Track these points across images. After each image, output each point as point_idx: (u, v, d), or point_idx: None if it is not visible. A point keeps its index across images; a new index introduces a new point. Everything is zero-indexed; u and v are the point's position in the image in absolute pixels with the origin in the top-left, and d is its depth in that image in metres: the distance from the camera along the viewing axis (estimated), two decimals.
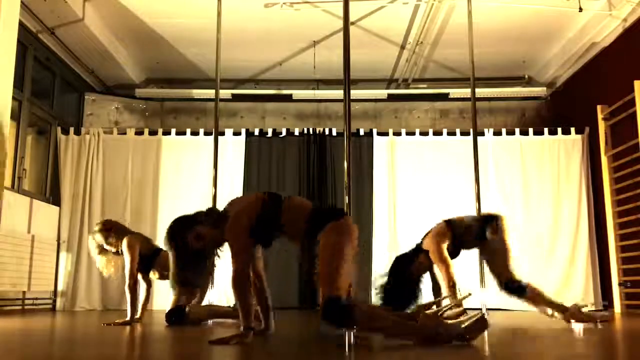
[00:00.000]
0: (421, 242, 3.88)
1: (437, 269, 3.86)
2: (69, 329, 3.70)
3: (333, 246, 2.46)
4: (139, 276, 3.91)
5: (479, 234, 3.79)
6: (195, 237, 2.61)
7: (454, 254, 3.86)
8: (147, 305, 3.98)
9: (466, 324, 2.45)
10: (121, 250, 3.87)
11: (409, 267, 3.80)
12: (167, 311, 3.91)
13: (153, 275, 4.02)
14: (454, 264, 3.83)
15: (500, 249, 3.73)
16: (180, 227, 2.65)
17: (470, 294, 2.89)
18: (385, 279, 3.84)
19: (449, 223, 3.89)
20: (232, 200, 2.77)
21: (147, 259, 3.94)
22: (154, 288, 4.19)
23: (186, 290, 3.88)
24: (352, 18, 5.41)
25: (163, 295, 6.16)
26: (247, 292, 2.55)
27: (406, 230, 6.30)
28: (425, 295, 3.86)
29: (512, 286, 3.63)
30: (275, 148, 6.74)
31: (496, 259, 3.75)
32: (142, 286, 3.96)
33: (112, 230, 3.95)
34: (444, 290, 3.77)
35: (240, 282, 2.51)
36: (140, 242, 3.93)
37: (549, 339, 2.85)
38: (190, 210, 2.77)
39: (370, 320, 2.39)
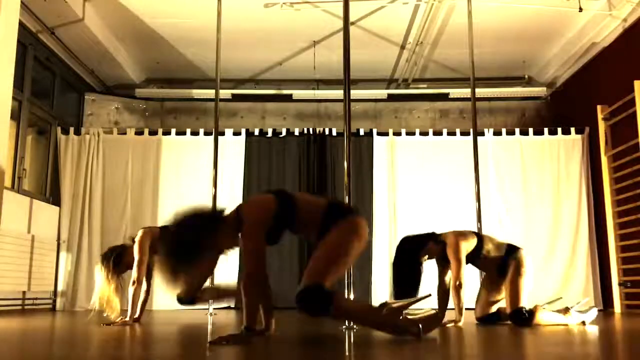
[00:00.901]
0: (441, 234, 3.76)
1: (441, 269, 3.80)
2: (69, 329, 3.70)
3: (338, 244, 2.51)
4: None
5: (501, 267, 3.71)
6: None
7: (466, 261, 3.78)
8: (145, 305, 3.96)
9: (419, 316, 2.59)
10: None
11: (417, 250, 3.69)
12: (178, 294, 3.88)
13: None
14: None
15: (514, 280, 3.66)
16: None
17: (430, 295, 2.88)
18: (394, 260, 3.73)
19: (477, 235, 3.80)
20: (245, 202, 2.74)
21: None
22: (154, 288, 4.15)
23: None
24: (352, 18, 5.41)
25: (163, 295, 6.17)
26: (257, 294, 2.56)
27: (406, 230, 6.28)
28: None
29: (518, 316, 3.57)
30: (275, 148, 6.74)
31: (508, 287, 3.68)
32: (143, 287, 3.92)
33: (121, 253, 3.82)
34: (451, 290, 3.69)
35: (253, 284, 2.51)
36: (152, 237, 3.82)
37: (548, 338, 2.84)
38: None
39: (345, 312, 2.48)
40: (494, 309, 3.85)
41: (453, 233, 3.73)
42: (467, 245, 3.68)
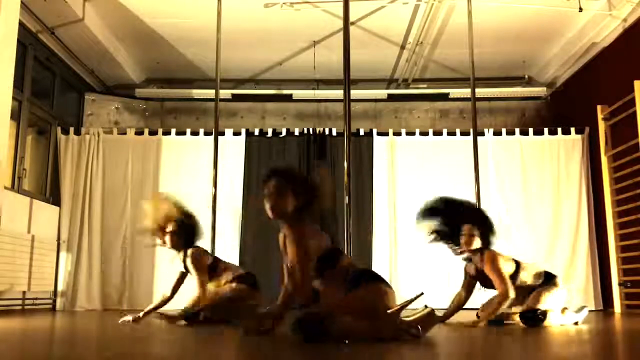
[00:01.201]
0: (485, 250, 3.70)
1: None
2: (69, 329, 3.71)
3: (361, 300, 2.55)
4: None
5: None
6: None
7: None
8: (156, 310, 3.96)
9: (415, 317, 2.58)
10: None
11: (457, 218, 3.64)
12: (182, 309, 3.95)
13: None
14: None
15: (542, 292, 3.66)
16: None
17: (422, 293, 2.86)
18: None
19: (515, 261, 3.74)
20: (310, 223, 2.76)
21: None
22: (156, 288, 4.17)
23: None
24: (352, 18, 5.41)
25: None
26: (309, 280, 2.63)
27: (406, 230, 6.29)
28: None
29: (529, 315, 3.56)
30: (275, 148, 6.73)
31: (534, 294, 3.68)
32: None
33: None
34: (495, 297, 3.65)
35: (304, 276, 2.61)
36: (203, 256, 3.94)
37: (548, 338, 2.85)
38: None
39: (345, 331, 2.48)
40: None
41: (492, 250, 3.70)
42: (505, 266, 3.63)
